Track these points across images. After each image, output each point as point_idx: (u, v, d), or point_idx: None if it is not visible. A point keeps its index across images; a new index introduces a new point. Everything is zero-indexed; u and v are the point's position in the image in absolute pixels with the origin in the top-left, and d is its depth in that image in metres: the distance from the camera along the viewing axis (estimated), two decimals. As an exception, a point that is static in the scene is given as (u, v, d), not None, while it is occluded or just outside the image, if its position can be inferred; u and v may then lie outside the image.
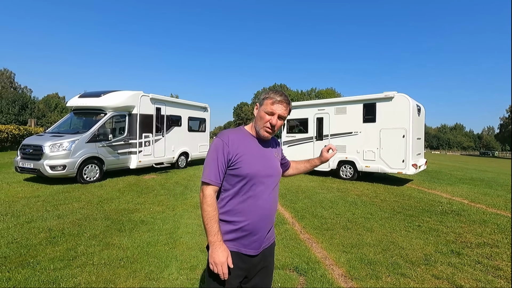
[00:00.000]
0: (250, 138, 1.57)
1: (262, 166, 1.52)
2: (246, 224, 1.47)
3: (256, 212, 1.49)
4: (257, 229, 1.50)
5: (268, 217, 1.54)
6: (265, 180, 1.52)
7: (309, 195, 6.89)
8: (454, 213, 5.55)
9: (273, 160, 1.62)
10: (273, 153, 1.64)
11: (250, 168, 1.47)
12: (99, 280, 2.80)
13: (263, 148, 1.59)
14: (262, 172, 1.51)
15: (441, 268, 3.26)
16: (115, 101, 8.56)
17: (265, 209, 1.51)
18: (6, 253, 3.30)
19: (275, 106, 1.51)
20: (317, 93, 66.43)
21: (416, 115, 8.65)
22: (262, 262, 1.57)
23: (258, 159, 1.52)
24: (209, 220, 1.42)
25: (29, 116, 43.49)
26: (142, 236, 3.97)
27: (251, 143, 1.56)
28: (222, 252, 1.41)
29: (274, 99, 1.52)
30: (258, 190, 1.49)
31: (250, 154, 1.51)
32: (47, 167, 7.04)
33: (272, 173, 1.57)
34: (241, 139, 1.53)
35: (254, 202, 1.48)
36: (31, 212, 4.88)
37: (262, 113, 1.53)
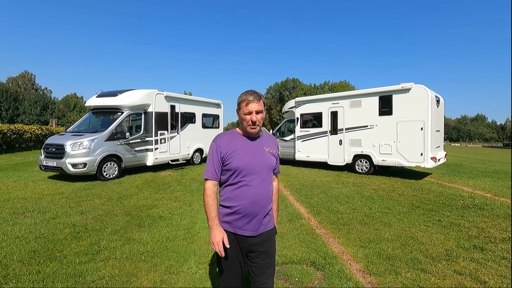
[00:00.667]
0: (240, 138, 1.83)
1: (250, 159, 1.77)
2: (239, 208, 1.75)
3: (247, 197, 1.75)
4: (249, 213, 1.75)
5: (259, 202, 1.77)
6: (254, 171, 1.77)
7: (325, 190, 6.84)
8: (477, 207, 5.37)
9: (263, 153, 1.83)
10: (263, 148, 1.85)
11: (239, 162, 1.74)
12: (122, 273, 2.91)
13: (253, 144, 1.83)
14: (251, 164, 1.76)
15: (464, 263, 3.17)
16: (131, 100, 8.76)
17: (255, 195, 1.76)
18: (35, 247, 3.48)
19: (250, 106, 1.74)
20: (330, 87, 65.35)
21: (435, 107, 8.38)
22: (260, 245, 1.80)
23: (247, 154, 1.78)
24: (208, 208, 1.76)
25: (50, 116, 45.20)
26: (161, 231, 4.07)
27: (241, 141, 1.81)
28: (218, 233, 1.74)
29: (247, 100, 1.74)
30: (249, 179, 1.75)
31: (240, 150, 1.77)
32: (69, 165, 7.32)
33: (261, 164, 1.80)
34: (232, 139, 1.82)
35: (246, 189, 1.75)
36: (56, 208, 5.10)
37: (242, 115, 1.77)
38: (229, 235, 1.76)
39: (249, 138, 1.84)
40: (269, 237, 1.85)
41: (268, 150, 1.86)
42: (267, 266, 1.83)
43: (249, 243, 1.78)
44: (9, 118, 46.45)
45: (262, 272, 1.81)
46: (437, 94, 8.79)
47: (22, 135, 15.20)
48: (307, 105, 10.93)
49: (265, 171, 1.82)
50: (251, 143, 1.82)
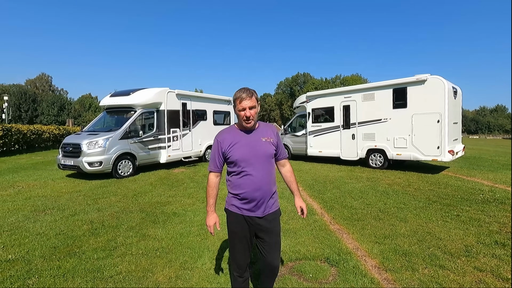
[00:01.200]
0: (238, 132, 2.04)
1: (247, 150, 1.98)
2: (243, 194, 1.99)
3: (250, 184, 1.97)
4: (253, 198, 1.98)
5: (262, 188, 1.99)
6: (253, 161, 1.98)
7: (338, 185, 6.76)
8: (497, 202, 5.18)
9: (260, 143, 2.02)
10: (259, 138, 2.04)
11: (239, 154, 1.97)
12: (138, 269, 2.98)
13: (249, 137, 2.03)
14: (249, 155, 1.97)
15: (484, 260, 3.07)
16: (143, 99, 8.89)
17: (256, 182, 1.97)
18: (55, 243, 3.60)
19: (243, 103, 1.92)
20: (342, 80, 64.31)
21: (452, 98, 8.10)
22: (266, 225, 2.03)
23: (245, 146, 1.98)
24: (208, 196, 2.11)
25: (67, 116, 46.60)
26: (175, 227, 4.13)
27: (239, 136, 2.02)
28: (212, 218, 2.11)
29: (240, 98, 1.93)
30: (250, 169, 1.97)
31: (238, 144, 1.99)
32: (85, 163, 7.53)
33: (258, 154, 2.00)
34: (231, 135, 2.03)
35: (248, 178, 1.98)
36: (74, 205, 5.26)
37: (237, 112, 1.97)
38: (238, 217, 2.03)
39: (246, 132, 2.04)
40: (274, 218, 2.08)
41: (265, 140, 2.05)
42: (275, 243, 2.07)
43: (256, 223, 2.02)
44: (29, 119, 48.19)
45: (270, 250, 2.05)
46: (454, 85, 8.49)
47: (41, 135, 15.72)
48: (319, 100, 10.79)
49: (263, 159, 2.01)
50: (248, 136, 2.03)
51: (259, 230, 2.03)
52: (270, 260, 2.06)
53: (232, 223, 2.06)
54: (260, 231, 2.03)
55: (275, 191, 2.12)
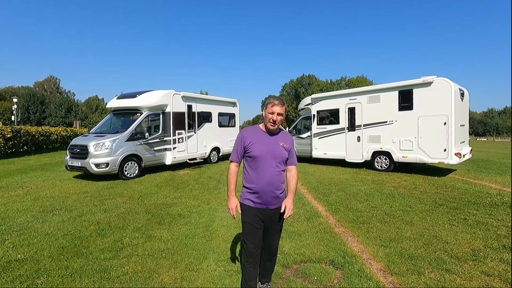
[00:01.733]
0: (261, 132, 2.33)
1: (266, 149, 2.25)
2: (256, 187, 2.25)
3: (262, 179, 2.23)
4: (264, 192, 2.24)
5: (272, 184, 2.24)
6: (268, 159, 2.24)
7: (343, 188, 6.73)
8: (506, 205, 5.10)
9: (277, 146, 2.28)
10: (278, 142, 2.30)
11: (257, 151, 2.24)
12: (144, 269, 3.01)
13: (270, 139, 2.30)
14: (265, 153, 2.24)
15: (492, 264, 3.03)
16: (149, 101, 8.98)
17: (268, 178, 2.23)
18: (63, 243, 3.66)
19: (274, 108, 2.22)
20: (347, 82, 64.02)
21: (459, 100, 8.02)
22: (273, 216, 2.32)
23: (263, 145, 2.25)
24: (229, 182, 2.34)
25: (74, 118, 47.20)
26: (180, 229, 4.17)
27: (261, 135, 2.31)
28: (233, 201, 2.32)
29: (272, 103, 2.23)
30: (263, 165, 2.24)
31: (258, 142, 2.26)
32: (92, 165, 7.62)
33: (274, 154, 2.25)
34: (254, 133, 2.32)
35: (261, 173, 2.24)
36: (81, 206, 5.33)
37: (266, 113, 2.27)
38: (252, 210, 2.28)
39: (268, 134, 2.30)
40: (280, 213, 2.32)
41: (282, 145, 2.30)
42: (276, 230, 2.40)
43: (267, 215, 2.29)
44: (37, 121, 48.94)
45: (271, 234, 2.40)
46: (461, 87, 8.40)
47: (49, 136, 15.96)
48: (324, 102, 10.77)
49: (278, 160, 2.26)
50: (268, 138, 2.30)
51: (268, 221, 2.31)
52: (271, 244, 2.42)
53: (246, 215, 2.30)
54: (269, 222, 2.32)
55: (284, 188, 2.35)
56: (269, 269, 2.53)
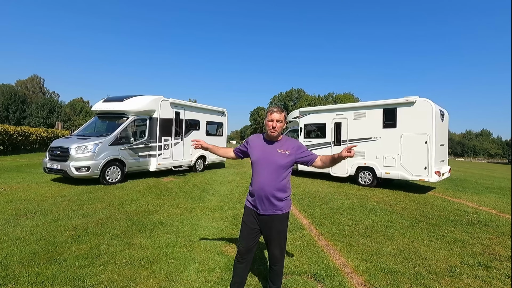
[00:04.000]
0: (262, 140, 2.49)
1: (261, 155, 2.40)
2: (252, 190, 2.41)
3: (256, 183, 2.36)
4: (257, 195, 2.35)
5: (264, 189, 2.32)
6: (264, 164, 2.36)
7: (327, 201, 6.79)
8: (481, 224, 5.29)
9: (273, 153, 2.38)
10: (276, 149, 2.39)
11: (254, 156, 2.43)
12: (121, 278, 2.89)
13: (269, 147, 2.42)
14: (260, 159, 2.39)
15: (468, 280, 3.11)
16: (137, 106, 8.85)
17: (261, 182, 2.34)
18: (36, 249, 3.47)
19: (273, 115, 2.36)
20: (334, 98, 65.57)
21: (440, 121, 8.36)
22: (267, 222, 2.37)
23: (260, 151, 2.42)
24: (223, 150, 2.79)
25: (56, 120, 45.72)
26: (161, 237, 4.05)
27: (261, 142, 2.48)
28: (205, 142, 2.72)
29: (271, 110, 2.39)
30: (258, 170, 2.38)
31: (258, 149, 2.44)
32: (72, 168, 7.36)
33: (268, 161, 2.36)
34: (257, 140, 2.52)
35: (256, 177, 2.38)
36: (58, 211, 5.11)
37: (266, 121, 2.42)
38: (249, 210, 2.43)
39: (268, 142, 2.45)
40: (279, 218, 2.37)
41: (281, 152, 2.37)
42: (273, 239, 2.39)
43: (261, 219, 2.37)
44: (16, 120, 47.10)
45: (270, 244, 2.41)
46: (442, 108, 8.78)
47: (28, 137, 15.34)
48: (311, 116, 10.96)
49: (273, 166, 2.34)
50: (266, 145, 2.44)
51: (263, 226, 2.38)
52: (271, 252, 2.44)
53: (245, 214, 2.46)
54: (264, 227, 2.38)
55: (283, 198, 2.37)
56: (274, 276, 2.48)
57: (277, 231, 2.37)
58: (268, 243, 2.42)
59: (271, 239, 2.39)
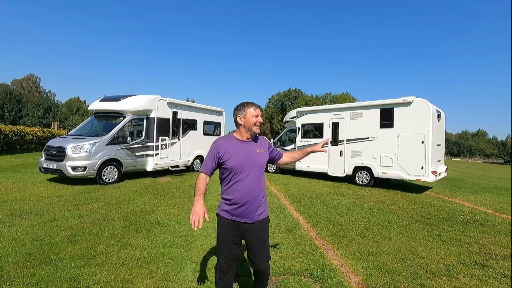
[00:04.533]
0: (236, 141, 2.21)
1: (243, 159, 2.13)
2: (233, 198, 2.11)
3: (241, 190, 2.10)
4: (243, 203, 2.10)
5: (250, 194, 2.11)
6: (246, 169, 2.12)
7: (324, 201, 6.80)
8: (477, 223, 5.32)
9: (254, 154, 2.19)
10: (254, 149, 2.21)
11: (234, 162, 2.11)
12: (117, 279, 2.87)
13: (246, 147, 2.20)
14: (243, 163, 2.12)
15: (464, 280, 3.13)
16: (134, 105, 8.81)
17: (247, 188, 2.11)
18: (31, 249, 3.44)
19: (257, 110, 2.22)
20: (332, 98, 65.72)
21: (436, 121, 8.40)
22: (254, 230, 2.15)
23: (240, 155, 2.14)
24: (197, 189, 2.14)
25: (53, 119, 45.39)
26: (158, 237, 4.04)
27: (236, 144, 2.19)
28: (201, 207, 2.11)
29: (254, 106, 2.22)
30: (242, 176, 2.11)
31: (234, 152, 2.13)
32: (69, 168, 7.31)
33: (251, 164, 2.15)
34: (229, 142, 2.19)
35: (239, 184, 2.11)
36: (54, 211, 5.06)
37: (250, 117, 2.18)
38: (228, 222, 2.14)
39: (243, 142, 2.21)
40: (262, 224, 2.19)
41: (259, 151, 2.23)
42: (263, 249, 2.18)
43: (244, 229, 2.13)
44: (12, 120, 46.69)
45: (257, 255, 2.17)
46: (438, 108, 8.83)
47: (23, 136, 15.22)
48: (309, 116, 10.98)
49: (255, 168, 2.16)
50: (244, 146, 2.20)
51: (247, 235, 2.15)
52: (259, 265, 2.19)
53: (222, 227, 2.17)
54: (248, 236, 2.15)
55: (265, 199, 2.25)
56: (264, 283, 2.32)
57: (265, 238, 2.20)
58: (255, 254, 2.17)
59: (258, 249, 2.16)
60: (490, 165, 39.42)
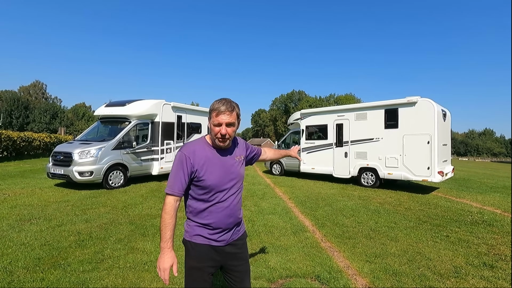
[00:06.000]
0: (210, 150, 1.70)
1: (223, 175, 1.68)
2: (214, 222, 1.66)
3: (222, 212, 1.67)
4: (224, 226, 1.69)
5: (233, 215, 1.72)
6: (227, 187, 1.69)
7: (330, 203, 6.77)
8: (486, 224, 5.25)
9: (234, 166, 1.75)
10: (234, 159, 1.76)
11: (212, 179, 1.63)
12: (125, 283, 2.90)
13: (223, 158, 1.71)
14: (223, 181, 1.67)
15: (473, 281, 3.09)
16: (139, 110, 8.90)
17: (229, 209, 1.69)
18: (40, 254, 3.49)
19: (220, 117, 1.60)
20: (336, 99, 65.59)
21: (442, 120, 8.33)
22: (235, 252, 1.75)
23: (219, 170, 1.67)
24: (164, 227, 1.58)
25: (59, 125, 46.03)
26: (164, 241, 4.05)
27: (212, 155, 1.68)
28: (168, 258, 1.57)
29: (218, 110, 1.60)
30: (222, 196, 1.67)
31: (212, 167, 1.65)
32: (76, 173, 7.40)
33: (233, 179, 1.72)
34: (202, 151, 1.67)
35: (219, 205, 1.67)
36: (62, 216, 5.13)
37: (212, 126, 1.64)
38: (205, 249, 1.67)
39: (220, 150, 1.72)
40: (243, 242, 1.84)
41: (238, 159, 1.79)
42: (245, 271, 1.80)
43: (226, 253, 1.72)
44: (19, 126, 47.45)
45: (242, 278, 1.77)
46: (444, 108, 8.76)
47: (31, 142, 15.46)
48: (313, 117, 10.97)
49: (238, 183, 1.76)
50: (221, 158, 1.71)
51: (229, 259, 1.74)
52: None
53: (196, 257, 1.66)
54: (231, 259, 1.74)
55: (242, 214, 1.88)
56: None
57: (247, 259, 1.84)
58: (239, 279, 1.76)
59: (243, 271, 1.78)
60: (498, 164, 38.85)
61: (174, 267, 1.58)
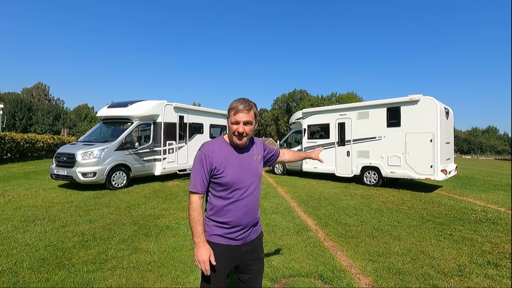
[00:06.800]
0: (228, 148, 1.75)
1: (241, 173, 1.72)
2: (232, 221, 1.70)
3: (240, 211, 1.70)
4: (242, 225, 1.72)
5: (251, 214, 1.75)
6: (245, 184, 1.72)
7: (332, 202, 6.76)
8: (490, 222, 5.22)
9: (252, 165, 1.79)
10: (251, 158, 1.80)
11: (231, 176, 1.68)
12: (128, 283, 2.91)
13: (241, 155, 1.76)
14: (242, 179, 1.71)
15: (477, 280, 3.08)
16: (141, 111, 8.93)
17: (247, 207, 1.72)
18: (44, 255, 3.52)
19: (238, 116, 1.66)
20: (337, 98, 65.42)
21: (444, 118, 8.29)
22: (251, 252, 1.78)
23: (237, 167, 1.71)
24: (194, 223, 1.67)
25: (62, 126, 46.29)
26: (168, 241, 4.08)
27: (230, 153, 1.73)
28: (205, 251, 1.65)
29: (236, 109, 1.66)
30: (241, 193, 1.71)
31: (230, 164, 1.70)
32: (79, 174, 7.45)
33: (251, 177, 1.76)
34: (221, 150, 1.72)
35: (238, 203, 1.70)
36: (65, 216, 5.17)
37: (230, 124, 1.70)
38: (222, 248, 1.70)
39: (238, 149, 1.76)
40: (259, 243, 1.86)
41: (256, 158, 1.83)
42: (260, 271, 1.83)
43: (242, 252, 1.75)
44: (23, 128, 47.77)
45: (256, 278, 1.80)
46: (446, 106, 8.71)
47: (34, 144, 15.55)
48: (315, 116, 10.95)
49: (256, 181, 1.79)
50: (240, 155, 1.75)
51: (245, 258, 1.77)
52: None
53: (214, 256, 1.68)
54: (247, 259, 1.77)
55: (259, 212, 1.91)
56: None
57: (262, 259, 1.87)
58: (252, 279, 1.79)
59: (256, 271, 1.81)
60: (502, 162, 38.56)
61: (212, 258, 1.65)
